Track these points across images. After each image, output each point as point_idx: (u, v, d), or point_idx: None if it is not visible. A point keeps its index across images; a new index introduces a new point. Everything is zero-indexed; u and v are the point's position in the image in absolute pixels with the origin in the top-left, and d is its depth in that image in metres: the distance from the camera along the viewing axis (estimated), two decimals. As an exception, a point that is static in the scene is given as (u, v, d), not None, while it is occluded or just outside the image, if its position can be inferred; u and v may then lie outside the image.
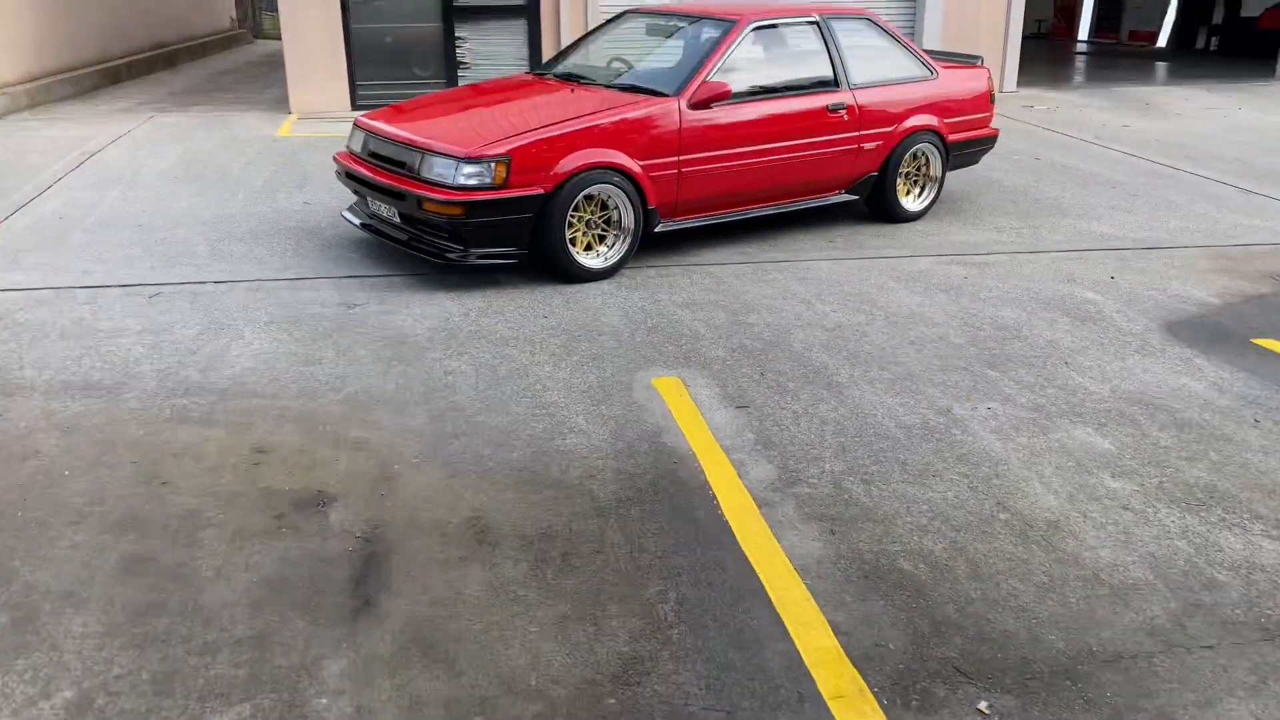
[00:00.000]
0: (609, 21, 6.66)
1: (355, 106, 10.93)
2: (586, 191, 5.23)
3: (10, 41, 11.33)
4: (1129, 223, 6.68)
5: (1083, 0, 21.63)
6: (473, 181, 4.98)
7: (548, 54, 11.20)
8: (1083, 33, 21.68)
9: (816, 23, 6.17)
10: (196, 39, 18.82)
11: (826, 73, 6.14)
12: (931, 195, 6.77)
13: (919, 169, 6.70)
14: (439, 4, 10.91)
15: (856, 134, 6.21)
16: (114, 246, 5.88)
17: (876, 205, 6.59)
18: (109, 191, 7.20)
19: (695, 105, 5.52)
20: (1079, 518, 3.06)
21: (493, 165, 4.98)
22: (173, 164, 8.17)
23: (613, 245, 5.46)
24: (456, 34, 11.03)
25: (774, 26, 6.01)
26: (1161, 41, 19.49)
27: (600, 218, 5.41)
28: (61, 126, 9.98)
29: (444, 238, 5.19)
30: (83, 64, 13.35)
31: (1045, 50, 18.80)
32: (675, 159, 5.51)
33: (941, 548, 2.88)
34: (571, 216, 5.25)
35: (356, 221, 5.76)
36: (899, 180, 6.55)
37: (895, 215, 6.61)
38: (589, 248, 5.42)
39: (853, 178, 6.37)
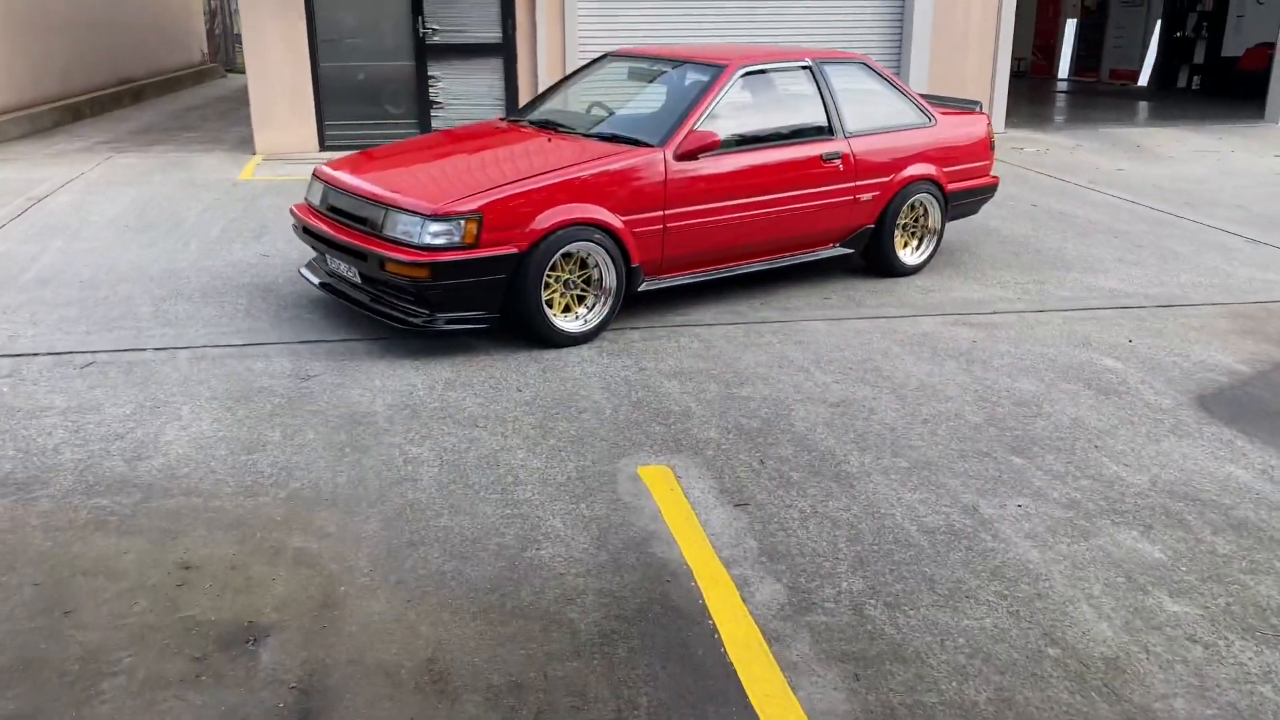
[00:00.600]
0: (589, 65, 6.27)
1: (323, 147, 10.50)
2: (565, 249, 4.80)
3: (-39, 78, 10.84)
4: (1137, 277, 6.32)
5: (1063, 39, 21.56)
6: (440, 241, 4.54)
7: (524, 94, 10.82)
8: (1063, 71, 21.59)
9: (809, 67, 5.80)
10: (165, 73, 18.38)
11: (820, 120, 5.76)
12: (930, 248, 6.40)
13: (916, 220, 6.33)
14: (411, 42, 10.52)
15: (852, 184, 5.82)
16: (49, 306, 5.39)
17: (873, 259, 6.20)
18: (51, 242, 6.70)
19: (682, 156, 5.12)
20: (1140, 653, 2.62)
21: (462, 223, 4.55)
22: (124, 210, 7.69)
23: (593, 307, 5.02)
24: (429, 73, 10.64)
25: (764, 72, 5.63)
26: (1143, 81, 19.39)
27: (579, 277, 4.97)
28: (11, 168, 9.48)
29: (408, 301, 4.74)
30: (43, 100, 12.86)
31: (1026, 89, 18.64)
32: (660, 213, 5.09)
33: (986, 697, 2.44)
34: (548, 276, 4.82)
35: (314, 280, 5.30)
36: (896, 232, 6.17)
37: (892, 269, 6.22)
38: (567, 309, 4.99)
39: (848, 230, 5.98)
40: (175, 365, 4.60)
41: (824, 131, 5.75)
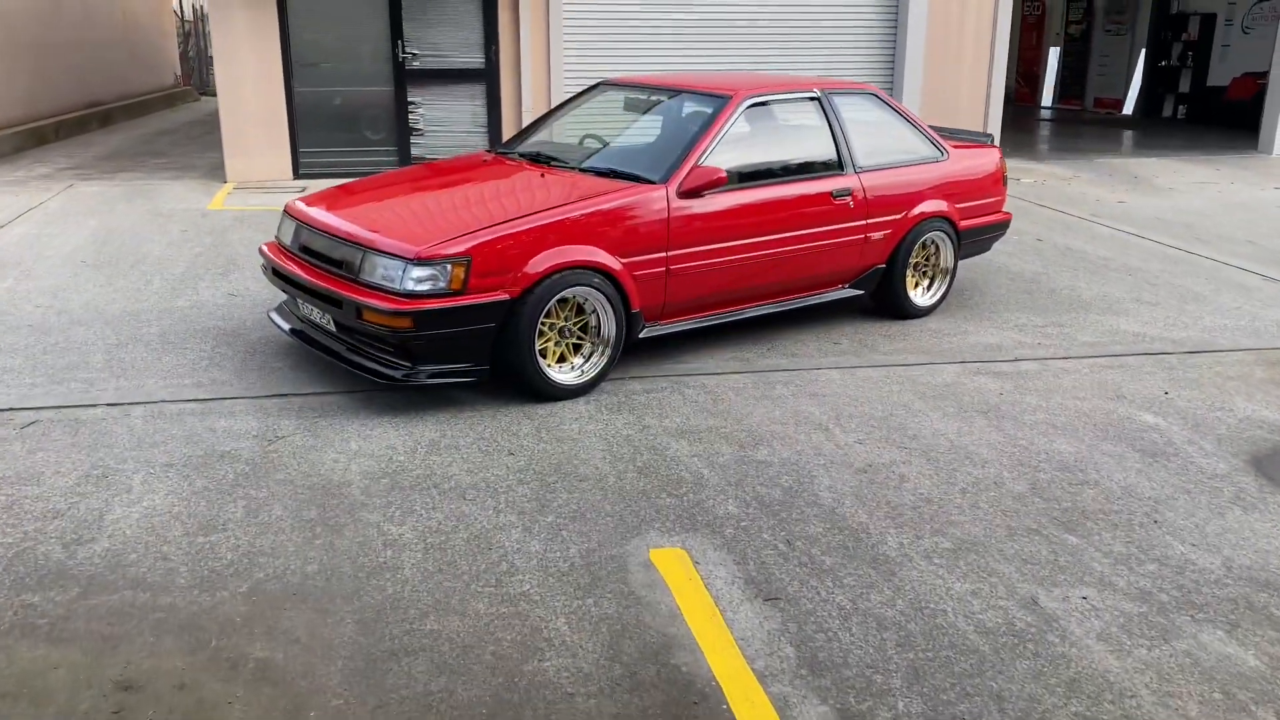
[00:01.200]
0: (581, 94, 5.89)
1: (298, 175, 10.07)
2: (561, 295, 4.39)
3: (-84, 102, 10.34)
4: (1158, 318, 5.99)
5: (1046, 66, 21.47)
6: (424, 287, 4.13)
7: (508, 121, 10.44)
8: (1046, 99, 21.48)
9: (817, 98, 5.44)
10: (136, 96, 17.88)
11: (829, 154, 5.40)
12: (943, 289, 6.04)
13: (928, 259, 5.97)
14: (390, 67, 10.13)
15: (863, 222, 5.46)
16: (-8, 354, 4.93)
17: (883, 300, 5.83)
18: (1, 281, 6.23)
19: (685, 193, 4.73)
20: (1259, 796, 2.23)
21: (449, 267, 4.13)
22: (84, 244, 7.22)
23: (590, 357, 4.62)
24: (409, 99, 10.24)
25: (771, 102, 5.26)
26: (1128, 109, 19.27)
27: (576, 324, 4.57)
28: (-34, 197, 8.99)
29: (388, 352, 4.32)
30: (5, 124, 12.35)
31: (1011, 117, 18.44)
32: (663, 254, 4.70)
33: None
34: (542, 324, 4.41)
35: (285, 326, 4.87)
36: (908, 273, 5.81)
37: (903, 311, 5.85)
38: (562, 359, 4.58)
39: (858, 271, 5.62)
40: (128, 424, 4.15)
41: (833, 166, 5.38)
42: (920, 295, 5.94)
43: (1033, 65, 21.65)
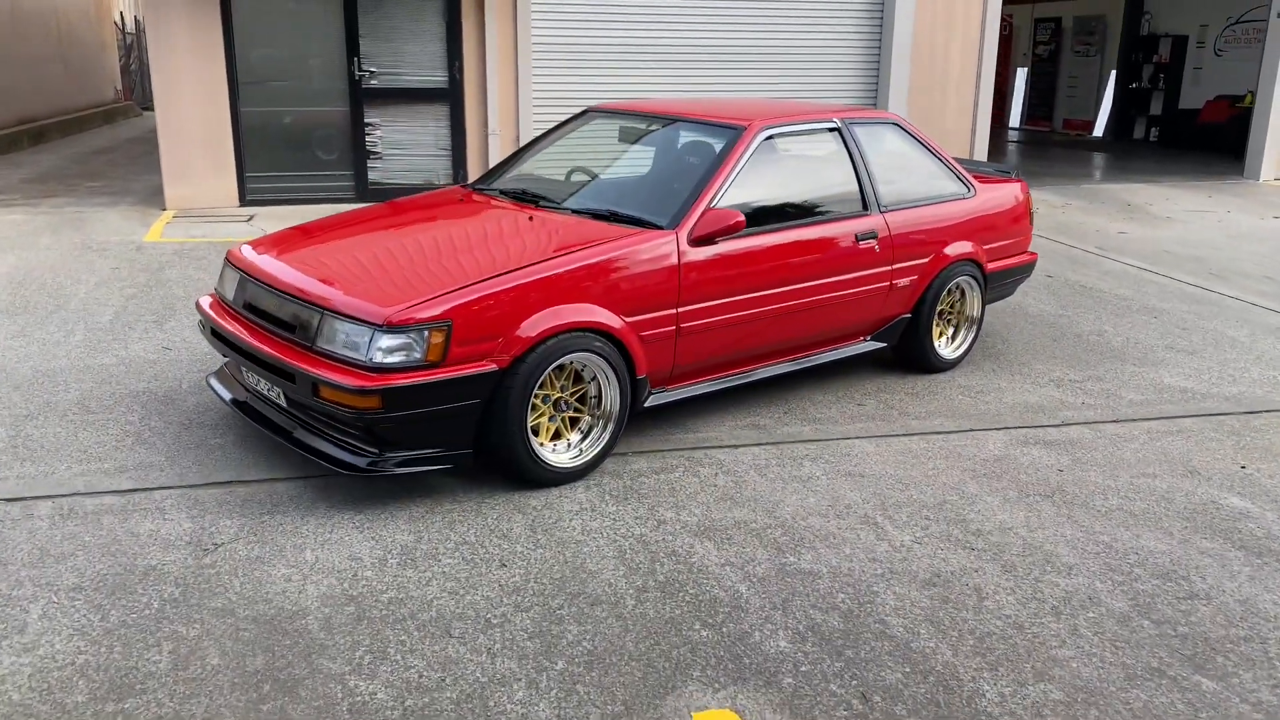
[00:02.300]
0: (567, 122, 5.21)
1: (244, 202, 9.27)
2: (558, 362, 3.71)
3: None
4: (1201, 370, 5.44)
5: (1013, 88, 21.21)
6: (396, 359, 3.42)
7: (473, 145, 9.73)
8: (1014, 120, 21.22)
9: (838, 129, 4.82)
10: (73, 112, 16.89)
11: (852, 192, 4.78)
12: (969, 339, 5.44)
13: (951, 306, 5.37)
14: (345, 85, 9.38)
15: (889, 268, 4.85)
16: (-128, 430, 4.13)
17: (906, 353, 5.22)
18: (-105, 331, 5.41)
19: (697, 240, 4.08)
20: None
21: (425, 334, 3.43)
22: (-2, 284, 6.40)
23: (588, 433, 3.93)
24: (366, 120, 9.50)
25: (789, 134, 4.62)
26: (1098, 131, 19.02)
27: (573, 394, 3.88)
28: None
29: (351, 434, 3.60)
30: (-80, 144, 11.40)
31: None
32: (673, 311, 4.04)
33: None
34: (535, 396, 3.72)
35: (225, 396, 4.13)
36: (934, 322, 5.21)
37: (929, 365, 5.24)
38: (557, 435, 3.89)
39: (881, 321, 5.00)
40: (31, 527, 3.38)
41: (856, 206, 4.76)
42: (945, 347, 5.34)
43: (1000, 85, 21.36)
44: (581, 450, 3.90)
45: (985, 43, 11.10)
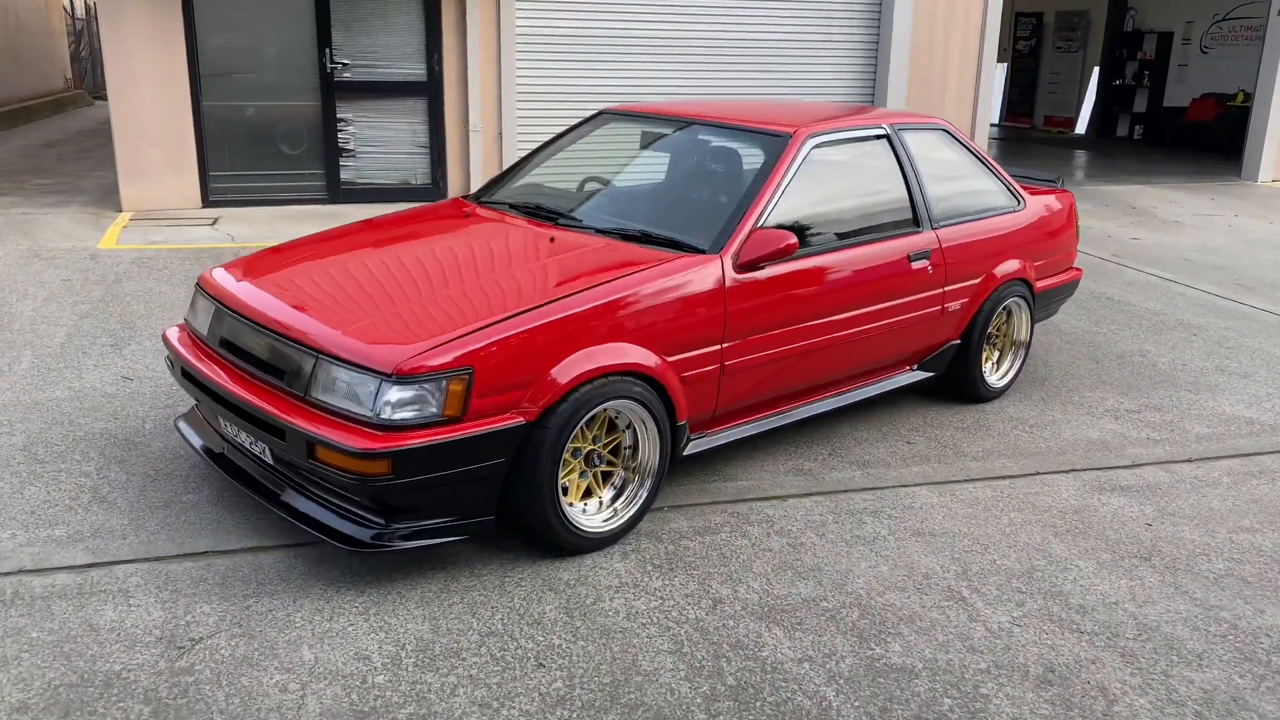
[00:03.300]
0: (579, 126, 4.66)
1: (207, 203, 8.61)
2: (593, 412, 3.19)
3: None
4: (1261, 398, 5.04)
5: (993, 83, 20.90)
6: (407, 414, 2.88)
7: (453, 142, 9.14)
8: (994, 116, 20.92)
9: (887, 136, 4.33)
10: (20, 102, 16.02)
11: (903, 206, 4.29)
12: (1017, 365, 4.99)
13: (997, 329, 4.91)
14: (316, 79, 8.75)
15: (941, 290, 4.37)
16: None
17: (952, 381, 4.75)
18: None
19: (744, 266, 3.56)
20: None
21: (443, 384, 2.89)
22: (-67, 300, 5.74)
23: (622, 489, 3.41)
24: (339, 115, 8.88)
25: (837, 142, 4.12)
26: (1080, 128, 18.75)
27: (605, 445, 3.36)
28: None
29: (351, 499, 3.05)
30: None
31: (969, 135, 17.77)
32: (717, 347, 3.53)
33: None
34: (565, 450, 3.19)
35: (196, 443, 3.56)
36: (984, 347, 4.75)
37: (976, 394, 4.78)
38: (588, 493, 3.36)
39: (930, 349, 4.53)
40: (-35, 620, 2.80)
41: (908, 222, 4.28)
42: (992, 374, 4.88)
43: (982, 81, 21.04)
44: (616, 511, 3.38)
45: (985, 42, 10.70)
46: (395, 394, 2.86)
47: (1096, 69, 18.33)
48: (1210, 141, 15.49)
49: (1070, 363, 5.49)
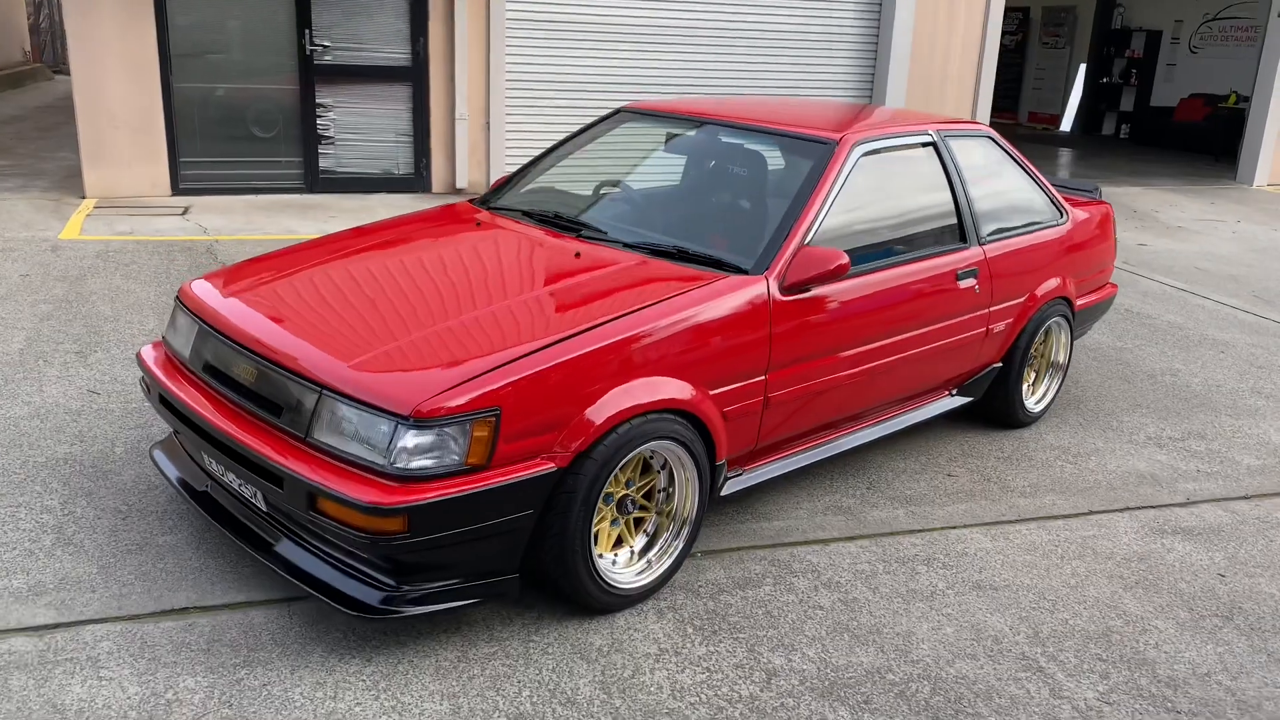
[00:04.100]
0: (594, 126, 4.27)
1: (177, 190, 8.13)
2: (631, 455, 2.83)
3: None
4: (1308, 424, 4.79)
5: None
6: (426, 462, 2.50)
7: (438, 131, 8.70)
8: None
9: (934, 143, 3.99)
10: (-27, 77, 15.32)
11: (949, 220, 3.97)
12: (1054, 389, 4.70)
13: (1036, 350, 4.61)
14: (295, 61, 8.27)
15: (986, 310, 4.06)
16: None
17: (989, 406, 4.44)
18: None
19: (791, 287, 3.21)
20: None
21: (467, 428, 2.52)
22: (-122, 297, 5.26)
23: (654, 536, 3.06)
24: (318, 100, 8.41)
25: (884, 150, 3.77)
26: (1065, 126, 18.57)
27: (640, 489, 3.01)
28: None
29: (356, 555, 2.67)
30: None
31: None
32: (761, 378, 3.18)
33: None
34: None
35: (172, 474, 3.17)
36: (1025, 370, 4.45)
37: (1013, 420, 4.49)
38: (618, 543, 3.01)
39: (972, 372, 4.22)
40: (-94, 698, 2.40)
41: (955, 238, 3.95)
42: (1029, 398, 4.57)
43: (967, 76, 20.81)
44: (650, 562, 3.03)
45: (987, 40, 10.43)
46: (413, 439, 2.48)
47: (1083, 66, 18.14)
48: (1199, 142, 15.35)
49: (1101, 383, 5.21)
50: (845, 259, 3.21)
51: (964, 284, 3.89)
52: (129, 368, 4.47)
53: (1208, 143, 15.08)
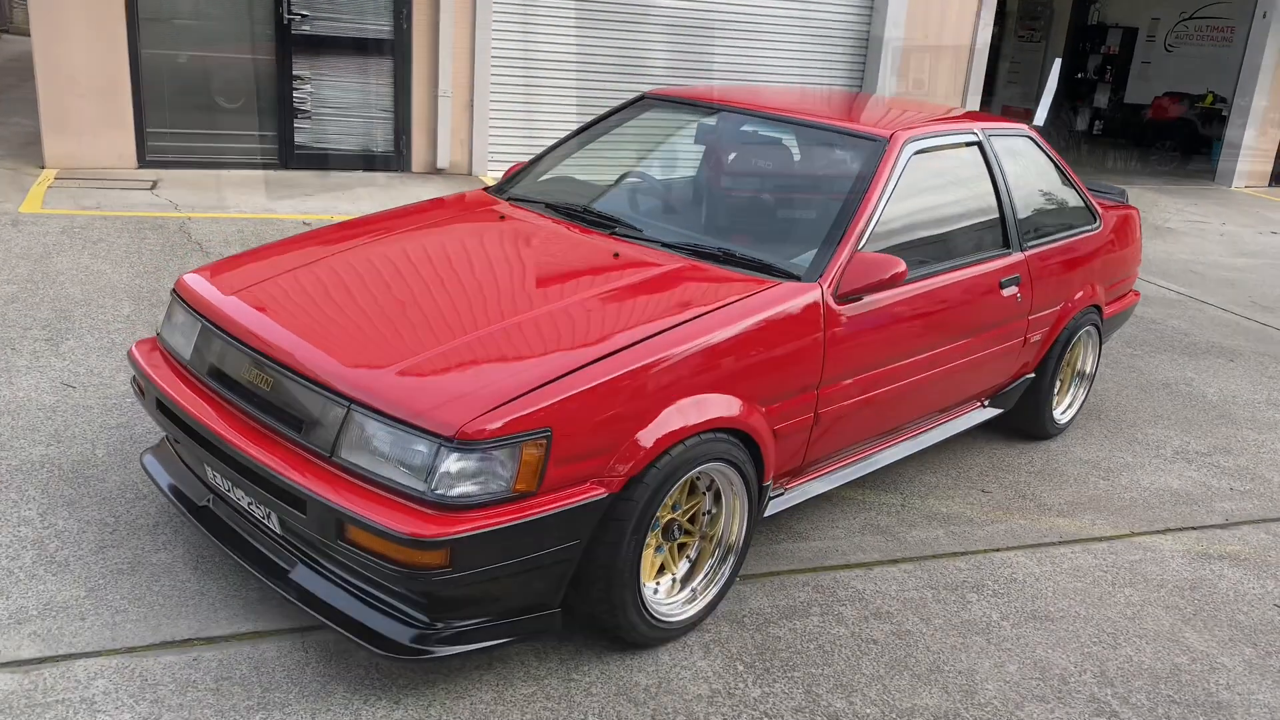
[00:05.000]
0: (617, 112, 4.00)
1: (144, 162, 7.70)
2: (683, 478, 2.60)
3: None
4: (1330, 440, 4.69)
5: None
6: (470, 488, 2.25)
7: (420, 106, 8.34)
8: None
9: (979, 143, 3.79)
10: (-84, 34, 14.55)
11: (994, 224, 3.77)
12: (1080, 399, 4.55)
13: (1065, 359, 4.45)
14: (271, 30, 7.86)
15: (1026, 318, 3.88)
16: None
17: (1017, 416, 4.27)
18: None
19: (846, 296, 2.99)
20: None
21: (517, 451, 2.27)
22: None
23: (702, 565, 2.84)
24: (294, 72, 8.01)
25: (933, 149, 3.56)
26: (1038, 121, 18.50)
27: (685, 513, 2.78)
28: None
29: (383, 586, 2.41)
30: None
31: (932, 122, 17.44)
32: (813, 392, 2.96)
33: None
34: (642, 523, 2.60)
35: (163, 482, 2.88)
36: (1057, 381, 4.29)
37: (1041, 431, 4.33)
38: (661, 570, 2.78)
39: (1005, 383, 4.04)
40: (-126, 750, 2.11)
41: (998, 243, 3.75)
42: (1056, 408, 4.42)
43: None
44: (695, 592, 2.81)
45: (978, 34, 10.28)
46: (456, 463, 2.23)
47: (1058, 60, 17.99)
48: (1173, 141, 15.39)
49: (1118, 392, 5.07)
50: (903, 266, 3.00)
51: (1007, 291, 3.70)
52: (105, 358, 4.14)
53: (1181, 142, 15.12)
